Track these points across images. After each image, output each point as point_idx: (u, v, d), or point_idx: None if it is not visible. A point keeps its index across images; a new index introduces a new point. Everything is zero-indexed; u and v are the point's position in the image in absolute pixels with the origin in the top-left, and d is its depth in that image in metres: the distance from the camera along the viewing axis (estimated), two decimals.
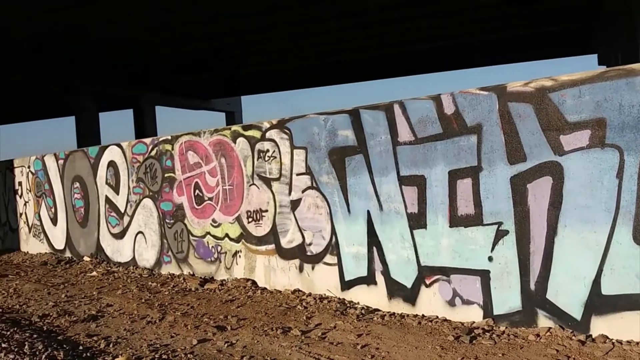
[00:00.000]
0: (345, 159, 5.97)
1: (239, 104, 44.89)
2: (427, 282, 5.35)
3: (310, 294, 6.35)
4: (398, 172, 5.50)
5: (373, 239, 5.76)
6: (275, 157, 6.77)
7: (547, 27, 18.25)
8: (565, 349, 4.24)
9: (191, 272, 8.06)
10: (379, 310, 5.65)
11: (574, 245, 4.45)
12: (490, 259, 4.92)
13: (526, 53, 21.80)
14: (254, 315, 5.83)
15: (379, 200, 5.68)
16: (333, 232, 6.16)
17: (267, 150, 6.86)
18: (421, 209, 5.35)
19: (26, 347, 5.07)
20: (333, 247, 6.17)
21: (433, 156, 5.23)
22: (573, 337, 4.38)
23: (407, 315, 5.38)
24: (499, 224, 4.84)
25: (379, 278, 5.73)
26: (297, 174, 6.52)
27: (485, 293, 4.97)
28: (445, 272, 5.22)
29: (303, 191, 6.46)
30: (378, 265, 5.74)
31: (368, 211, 5.79)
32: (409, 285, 5.49)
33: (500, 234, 4.85)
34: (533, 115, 4.61)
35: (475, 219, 4.99)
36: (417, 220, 5.39)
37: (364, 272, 5.86)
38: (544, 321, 4.64)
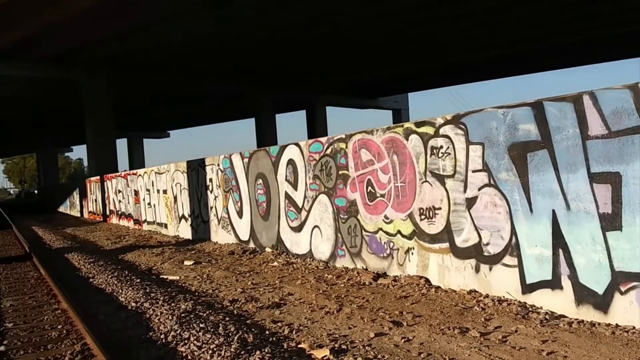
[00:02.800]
0: (527, 154, 5.65)
1: (406, 101, 44.85)
2: (622, 289, 4.87)
3: (487, 296, 6.13)
4: (588, 169, 5.07)
5: (559, 241, 5.38)
6: (449, 154, 6.64)
7: None
8: None
9: (364, 267, 8.25)
10: (564, 316, 5.28)
11: None
12: None
13: None
14: (429, 313, 5.79)
15: (565, 198, 5.29)
16: (513, 232, 5.87)
17: (441, 147, 6.75)
18: (615, 209, 4.87)
19: (220, 328, 5.57)
20: (513, 247, 5.89)
21: (630, 151, 4.74)
22: None
23: (598, 324, 4.95)
24: None
25: (565, 282, 5.34)
26: (473, 171, 6.32)
27: None
28: None
29: (479, 189, 6.25)
30: (564, 269, 5.35)
31: (553, 210, 5.42)
32: (600, 291, 5.04)
33: None
34: None
35: None
36: (610, 221, 4.92)
37: (547, 276, 5.51)
38: None
